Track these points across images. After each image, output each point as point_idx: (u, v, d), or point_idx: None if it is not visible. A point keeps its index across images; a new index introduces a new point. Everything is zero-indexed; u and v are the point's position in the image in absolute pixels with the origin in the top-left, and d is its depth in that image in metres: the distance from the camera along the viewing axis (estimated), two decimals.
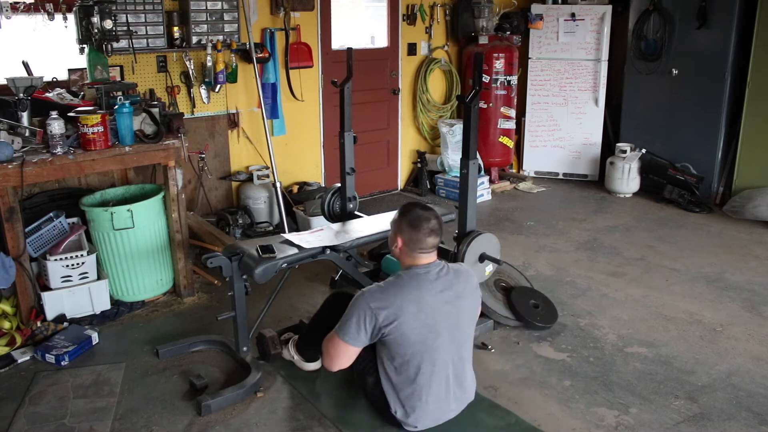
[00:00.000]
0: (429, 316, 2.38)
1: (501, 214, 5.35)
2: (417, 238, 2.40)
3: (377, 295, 2.38)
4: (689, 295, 3.82)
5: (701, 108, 5.50)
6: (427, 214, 2.43)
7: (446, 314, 2.42)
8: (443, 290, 2.43)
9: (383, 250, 4.04)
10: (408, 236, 2.41)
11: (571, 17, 6.00)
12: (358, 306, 2.38)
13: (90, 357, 3.12)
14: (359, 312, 2.37)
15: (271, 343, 3.01)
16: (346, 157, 3.79)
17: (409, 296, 2.37)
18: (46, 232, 3.43)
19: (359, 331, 2.36)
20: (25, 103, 3.31)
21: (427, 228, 2.40)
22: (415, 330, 2.36)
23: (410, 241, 2.41)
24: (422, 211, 2.45)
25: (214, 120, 4.70)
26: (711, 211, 5.38)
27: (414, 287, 2.39)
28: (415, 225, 2.40)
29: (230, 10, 4.39)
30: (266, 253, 2.79)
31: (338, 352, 2.44)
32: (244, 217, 4.59)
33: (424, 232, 2.39)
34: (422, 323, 2.37)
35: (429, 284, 2.41)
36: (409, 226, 2.41)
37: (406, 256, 2.46)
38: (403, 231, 2.43)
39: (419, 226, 2.40)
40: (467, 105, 3.00)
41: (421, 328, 2.36)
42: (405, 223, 2.43)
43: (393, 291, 2.38)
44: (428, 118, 6.07)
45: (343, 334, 2.39)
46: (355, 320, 2.37)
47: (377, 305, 2.35)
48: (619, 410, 2.71)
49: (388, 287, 2.40)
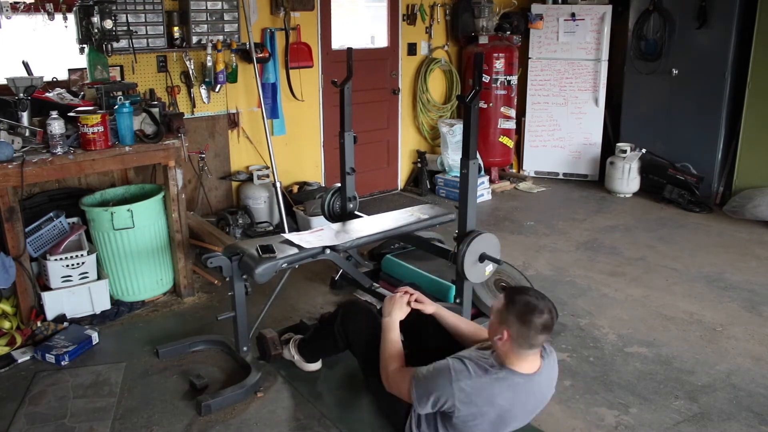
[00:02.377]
0: (506, 422, 2.20)
1: (501, 214, 5.35)
2: (527, 335, 2.09)
3: (468, 383, 2.12)
4: (689, 295, 3.82)
5: (701, 108, 5.51)
6: (540, 306, 2.11)
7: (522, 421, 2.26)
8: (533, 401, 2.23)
9: (383, 250, 4.04)
10: (517, 331, 2.10)
11: (571, 17, 6.00)
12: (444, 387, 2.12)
13: (90, 357, 3.12)
14: (442, 391, 2.13)
15: (272, 344, 3.01)
16: (346, 157, 3.79)
17: (497, 404, 2.13)
18: (46, 232, 3.43)
19: (429, 400, 2.16)
20: (25, 103, 3.31)
21: (539, 324, 2.09)
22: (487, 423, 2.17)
23: (519, 336, 2.10)
24: (535, 301, 2.13)
25: (214, 120, 4.71)
26: (711, 211, 5.38)
27: (507, 399, 2.14)
28: (525, 319, 2.09)
29: (230, 10, 4.39)
30: (266, 253, 2.79)
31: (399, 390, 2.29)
32: (244, 217, 4.59)
33: (535, 328, 2.08)
34: (495, 423, 2.18)
35: (525, 398, 2.18)
36: (518, 319, 2.10)
37: (510, 351, 2.14)
38: (510, 324, 2.11)
39: (531, 321, 2.08)
40: (467, 105, 3.00)
41: (493, 425, 2.19)
42: (513, 315, 2.11)
43: (483, 389, 2.12)
44: (428, 118, 6.07)
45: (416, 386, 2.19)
46: (434, 397, 2.14)
47: (461, 397, 2.11)
48: (619, 410, 2.71)
49: (480, 380, 2.12)
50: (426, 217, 3.38)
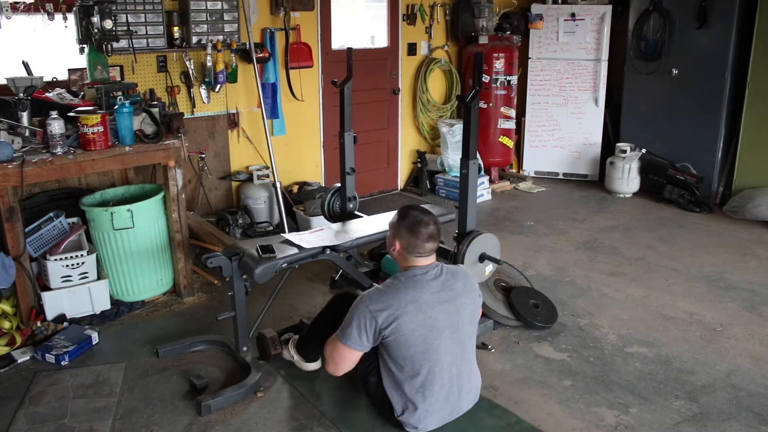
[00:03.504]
0: (428, 315, 2.38)
1: (501, 214, 5.35)
2: (415, 243, 2.40)
3: (375, 298, 2.38)
4: (689, 295, 3.82)
5: (701, 108, 5.50)
6: (425, 219, 2.42)
7: (445, 313, 2.42)
8: (441, 290, 2.43)
9: (383, 250, 4.04)
10: (406, 241, 2.41)
11: (571, 17, 6.00)
12: (358, 310, 2.38)
13: (90, 357, 3.12)
14: (359, 316, 2.37)
15: (272, 344, 3.01)
16: (346, 157, 3.79)
17: (407, 297, 2.36)
18: (46, 232, 3.43)
19: (361, 335, 2.37)
20: (25, 103, 3.31)
21: (425, 233, 2.40)
22: (415, 330, 2.36)
23: (408, 245, 2.41)
24: (421, 215, 2.44)
25: (214, 120, 4.70)
26: (711, 211, 5.38)
27: (411, 288, 2.39)
28: (413, 230, 2.40)
29: (230, 10, 4.39)
30: (266, 253, 2.79)
31: (342, 357, 2.44)
32: (244, 217, 4.59)
33: (422, 237, 2.39)
34: (422, 323, 2.36)
35: (426, 284, 2.41)
36: (407, 230, 2.41)
37: (403, 259, 2.46)
38: (401, 235, 2.42)
39: (417, 231, 2.39)
40: (467, 105, 3.00)
41: (420, 328, 2.36)
42: (403, 228, 2.42)
43: (391, 293, 2.38)
44: (428, 118, 6.07)
45: (345, 339, 2.39)
46: (355, 324, 2.37)
47: (376, 307, 2.35)
48: (619, 410, 2.71)
49: (386, 289, 2.41)
50: None
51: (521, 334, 3.32)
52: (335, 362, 2.48)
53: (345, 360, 2.45)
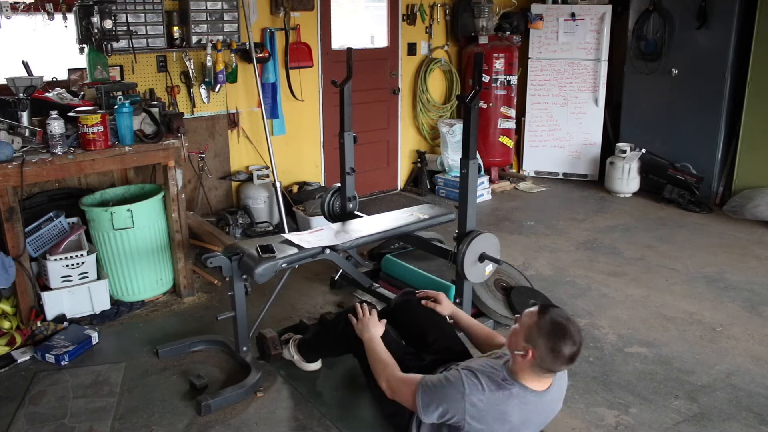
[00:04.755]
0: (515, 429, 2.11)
1: (501, 214, 5.35)
2: (552, 362, 1.99)
3: (479, 398, 2.04)
4: (689, 295, 3.82)
5: (701, 108, 5.51)
6: (574, 337, 1.98)
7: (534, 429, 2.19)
8: (542, 413, 2.17)
9: (383, 250, 4.04)
10: (542, 354, 1.98)
11: (571, 17, 6.00)
12: (454, 399, 2.05)
13: (90, 357, 3.12)
14: (450, 405, 2.05)
15: (272, 344, 3.01)
16: (346, 157, 3.78)
17: (507, 420, 2.06)
18: (46, 232, 3.43)
19: (435, 411, 2.08)
20: (25, 103, 3.31)
21: (568, 354, 1.97)
22: None
23: (543, 360, 1.99)
24: (568, 325, 1.99)
25: (214, 120, 4.70)
26: (711, 211, 5.38)
27: (518, 411, 2.06)
28: (556, 347, 1.96)
29: (230, 10, 4.39)
30: (266, 253, 2.79)
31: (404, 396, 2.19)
32: (244, 217, 4.59)
33: (562, 359, 1.98)
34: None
35: (533, 415, 2.11)
36: (548, 342, 1.97)
37: (528, 370, 2.05)
38: (537, 345, 1.98)
39: (560, 350, 1.96)
40: (467, 105, 3.00)
41: None
42: (543, 337, 1.98)
43: (495, 405, 2.04)
44: (428, 118, 6.07)
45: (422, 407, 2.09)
46: (442, 409, 2.07)
47: (472, 412, 2.03)
48: (619, 410, 2.71)
49: (493, 395, 2.04)
50: (426, 217, 3.38)
51: None
52: (393, 392, 2.25)
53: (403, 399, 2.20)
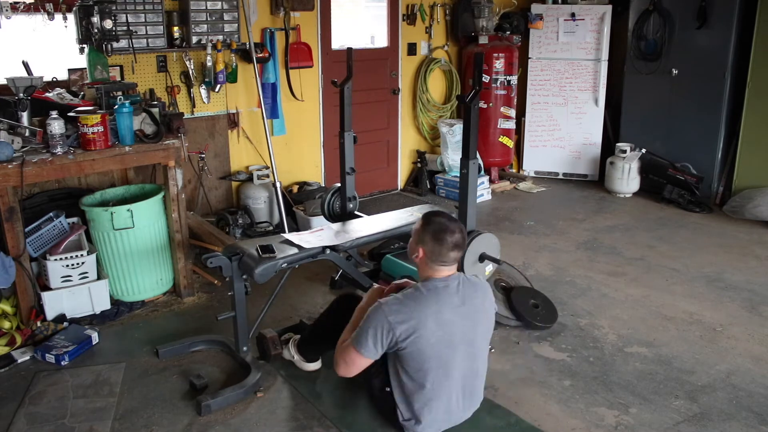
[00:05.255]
0: (447, 331, 2.33)
1: (501, 214, 5.35)
2: (439, 251, 2.33)
3: (396, 308, 2.31)
4: (689, 295, 3.82)
5: (701, 108, 5.51)
6: (452, 226, 2.35)
7: (463, 328, 2.37)
8: (461, 304, 2.37)
9: (383, 250, 4.04)
10: (430, 248, 2.34)
11: (571, 17, 6.00)
12: (376, 318, 2.31)
13: (90, 357, 3.12)
14: (376, 325, 2.30)
15: (272, 344, 3.01)
16: (346, 157, 3.79)
17: (428, 311, 2.30)
18: (46, 232, 3.43)
19: (375, 344, 2.31)
20: (25, 103, 3.31)
21: (451, 241, 2.33)
22: (432, 345, 2.31)
23: (432, 253, 2.34)
24: (447, 222, 2.37)
25: (214, 120, 4.71)
26: (711, 211, 5.38)
27: (433, 302, 2.32)
28: (438, 237, 2.33)
29: (230, 10, 4.39)
30: (266, 253, 2.79)
31: (353, 362, 2.39)
32: (244, 217, 4.59)
33: (447, 245, 2.32)
34: (440, 338, 2.31)
35: (448, 298, 2.35)
36: (432, 237, 2.34)
37: (426, 267, 2.39)
38: (425, 242, 2.35)
39: (443, 239, 2.32)
40: (467, 105, 3.00)
41: (438, 343, 2.32)
42: (428, 234, 2.35)
43: (412, 305, 2.32)
44: (428, 118, 6.07)
45: (359, 345, 2.33)
46: (371, 333, 2.30)
47: (395, 319, 2.28)
48: (619, 410, 2.71)
49: (406, 301, 2.33)
50: None
51: (521, 334, 3.32)
52: (346, 365, 2.42)
53: (356, 365, 2.40)
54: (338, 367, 2.47)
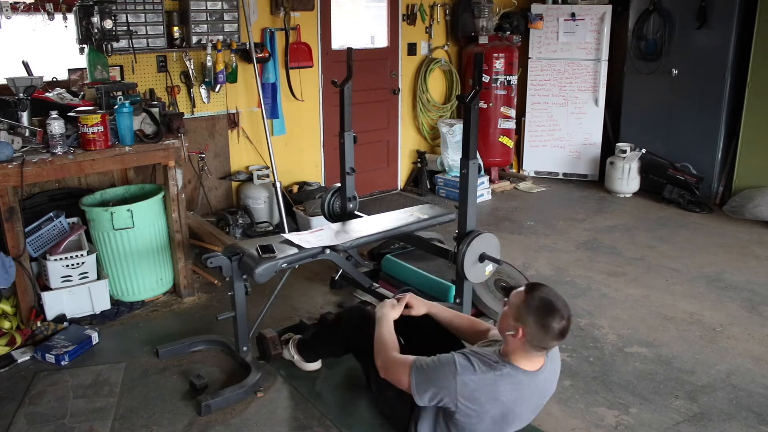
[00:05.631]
0: (513, 414, 2.15)
1: (501, 214, 5.35)
2: (542, 338, 2.04)
3: (471, 378, 2.06)
4: (689, 295, 3.82)
5: (701, 108, 5.51)
6: (562, 311, 2.03)
7: (530, 413, 2.22)
8: (537, 395, 2.19)
9: (383, 250, 4.04)
10: (532, 332, 2.03)
11: (571, 17, 6.00)
12: (446, 378, 2.07)
13: (90, 357, 3.12)
14: (443, 385, 2.08)
15: (272, 344, 3.01)
16: (346, 157, 3.78)
17: (500, 401, 2.09)
18: (46, 232, 3.43)
19: (427, 392, 2.11)
20: (25, 103, 3.31)
21: (557, 329, 2.03)
22: (488, 427, 2.14)
23: (534, 338, 2.04)
24: (555, 301, 2.05)
25: (214, 120, 4.70)
26: (711, 211, 5.38)
27: (510, 396, 2.09)
28: (545, 323, 2.02)
29: (230, 10, 4.39)
30: (266, 253, 2.79)
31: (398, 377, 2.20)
32: (244, 217, 4.59)
33: (552, 333, 2.03)
34: (500, 420, 2.15)
35: (528, 397, 2.14)
36: (536, 319, 2.02)
37: (519, 349, 2.09)
38: (527, 323, 2.04)
39: (549, 326, 2.01)
40: (467, 105, 3.00)
41: (494, 425, 2.15)
42: (532, 314, 2.03)
43: (487, 385, 2.07)
44: (428, 118, 6.07)
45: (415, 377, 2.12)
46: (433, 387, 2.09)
47: (463, 392, 2.06)
48: (619, 410, 2.71)
49: (485, 375, 2.07)
50: (426, 217, 3.38)
51: None
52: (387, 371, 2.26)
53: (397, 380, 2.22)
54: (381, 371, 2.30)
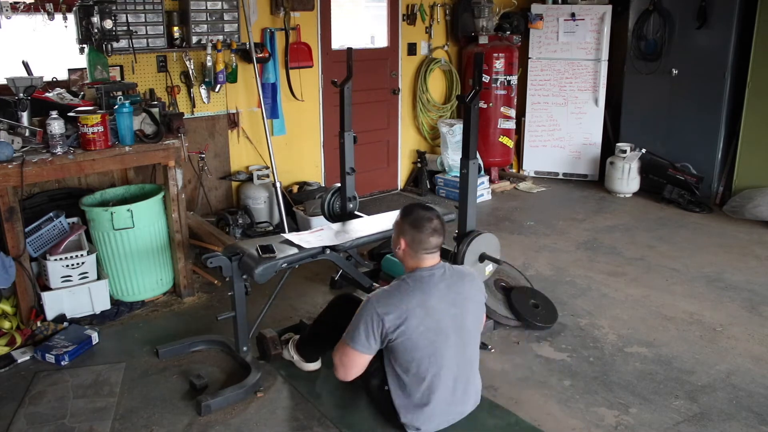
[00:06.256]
0: (435, 319, 2.36)
1: (501, 214, 5.35)
2: (420, 239, 2.38)
3: (383, 300, 2.36)
4: (689, 295, 3.82)
5: (701, 108, 5.51)
6: (428, 214, 2.42)
7: (452, 316, 2.41)
8: (448, 293, 2.41)
9: (383, 250, 4.04)
10: (411, 237, 2.39)
11: (571, 17, 6.00)
12: (365, 313, 2.35)
13: (90, 357, 3.12)
14: (367, 318, 2.34)
15: (272, 344, 3.01)
16: (346, 157, 3.79)
17: (415, 300, 2.34)
18: (46, 232, 3.43)
19: (369, 338, 2.34)
20: (25, 103, 3.31)
21: (429, 228, 2.38)
22: (422, 333, 2.34)
23: (413, 242, 2.39)
24: (424, 211, 2.43)
25: (214, 120, 4.71)
26: (711, 211, 5.38)
27: (419, 291, 2.36)
28: (417, 225, 2.39)
29: (230, 10, 4.39)
30: (266, 253, 2.79)
31: (351, 361, 2.42)
32: (244, 217, 4.59)
33: (426, 232, 2.38)
34: (429, 326, 2.35)
35: (434, 287, 2.39)
36: (411, 227, 2.40)
37: (409, 258, 2.44)
38: (405, 232, 2.41)
39: (422, 226, 2.38)
40: (467, 105, 3.00)
41: (428, 331, 2.35)
42: (407, 225, 2.41)
43: (398, 295, 2.36)
44: (428, 118, 6.07)
45: (353, 342, 2.37)
46: (363, 327, 2.34)
47: (384, 310, 2.32)
48: (619, 410, 2.71)
49: (393, 291, 2.38)
50: None
51: (521, 334, 3.32)
52: (344, 367, 2.46)
53: (354, 364, 2.43)
54: (337, 370, 2.50)
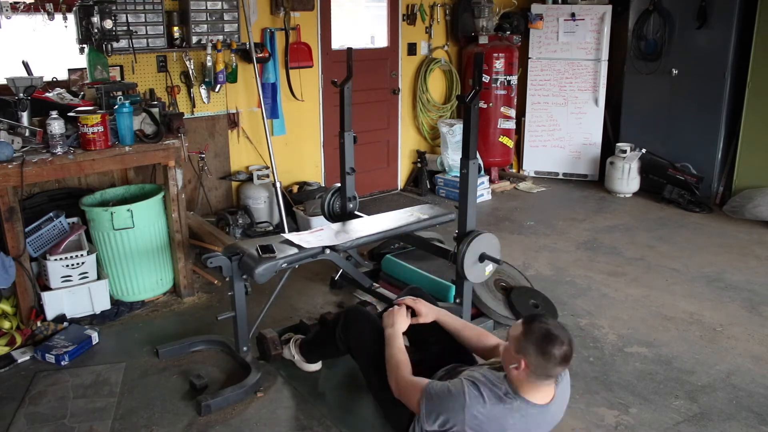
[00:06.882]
0: None
1: (501, 214, 5.35)
2: (545, 366, 2.00)
3: (480, 411, 2.05)
4: (689, 295, 3.82)
5: (701, 108, 5.51)
6: (560, 336, 2.01)
7: None
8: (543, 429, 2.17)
9: (383, 250, 4.04)
10: (534, 361, 2.01)
11: (571, 17, 6.00)
12: (455, 402, 2.07)
13: (90, 357, 3.12)
14: (453, 411, 2.07)
15: (272, 344, 3.01)
16: (346, 157, 3.78)
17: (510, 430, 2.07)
18: (46, 232, 3.43)
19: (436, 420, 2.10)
20: (25, 103, 3.31)
21: (558, 355, 1.99)
22: None
23: (537, 367, 2.01)
24: (553, 329, 2.03)
25: (214, 120, 4.70)
26: (711, 211, 5.38)
27: (518, 427, 2.07)
28: (544, 350, 1.99)
29: (230, 10, 4.39)
30: (266, 253, 2.78)
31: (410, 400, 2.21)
32: (244, 217, 4.59)
33: (554, 360, 1.99)
34: None
35: (534, 427, 2.11)
36: (537, 348, 2.00)
37: (526, 381, 2.07)
38: (528, 353, 2.02)
39: (550, 352, 1.98)
40: (467, 105, 3.00)
41: None
42: (531, 343, 2.01)
43: (496, 419, 2.05)
44: (428, 118, 6.07)
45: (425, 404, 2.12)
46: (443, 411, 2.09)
47: (472, 424, 2.05)
48: (619, 410, 2.71)
49: (494, 408, 2.05)
50: (426, 217, 3.38)
51: None
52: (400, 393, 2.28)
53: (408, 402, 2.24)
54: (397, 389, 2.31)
